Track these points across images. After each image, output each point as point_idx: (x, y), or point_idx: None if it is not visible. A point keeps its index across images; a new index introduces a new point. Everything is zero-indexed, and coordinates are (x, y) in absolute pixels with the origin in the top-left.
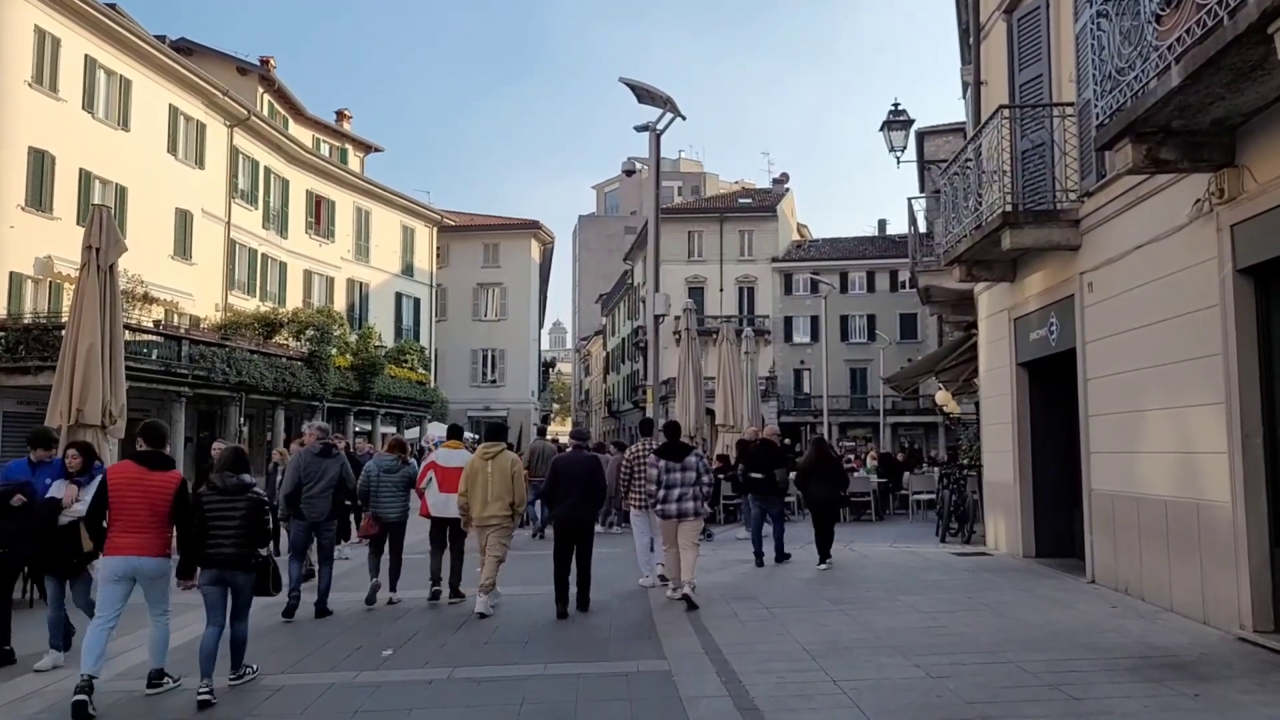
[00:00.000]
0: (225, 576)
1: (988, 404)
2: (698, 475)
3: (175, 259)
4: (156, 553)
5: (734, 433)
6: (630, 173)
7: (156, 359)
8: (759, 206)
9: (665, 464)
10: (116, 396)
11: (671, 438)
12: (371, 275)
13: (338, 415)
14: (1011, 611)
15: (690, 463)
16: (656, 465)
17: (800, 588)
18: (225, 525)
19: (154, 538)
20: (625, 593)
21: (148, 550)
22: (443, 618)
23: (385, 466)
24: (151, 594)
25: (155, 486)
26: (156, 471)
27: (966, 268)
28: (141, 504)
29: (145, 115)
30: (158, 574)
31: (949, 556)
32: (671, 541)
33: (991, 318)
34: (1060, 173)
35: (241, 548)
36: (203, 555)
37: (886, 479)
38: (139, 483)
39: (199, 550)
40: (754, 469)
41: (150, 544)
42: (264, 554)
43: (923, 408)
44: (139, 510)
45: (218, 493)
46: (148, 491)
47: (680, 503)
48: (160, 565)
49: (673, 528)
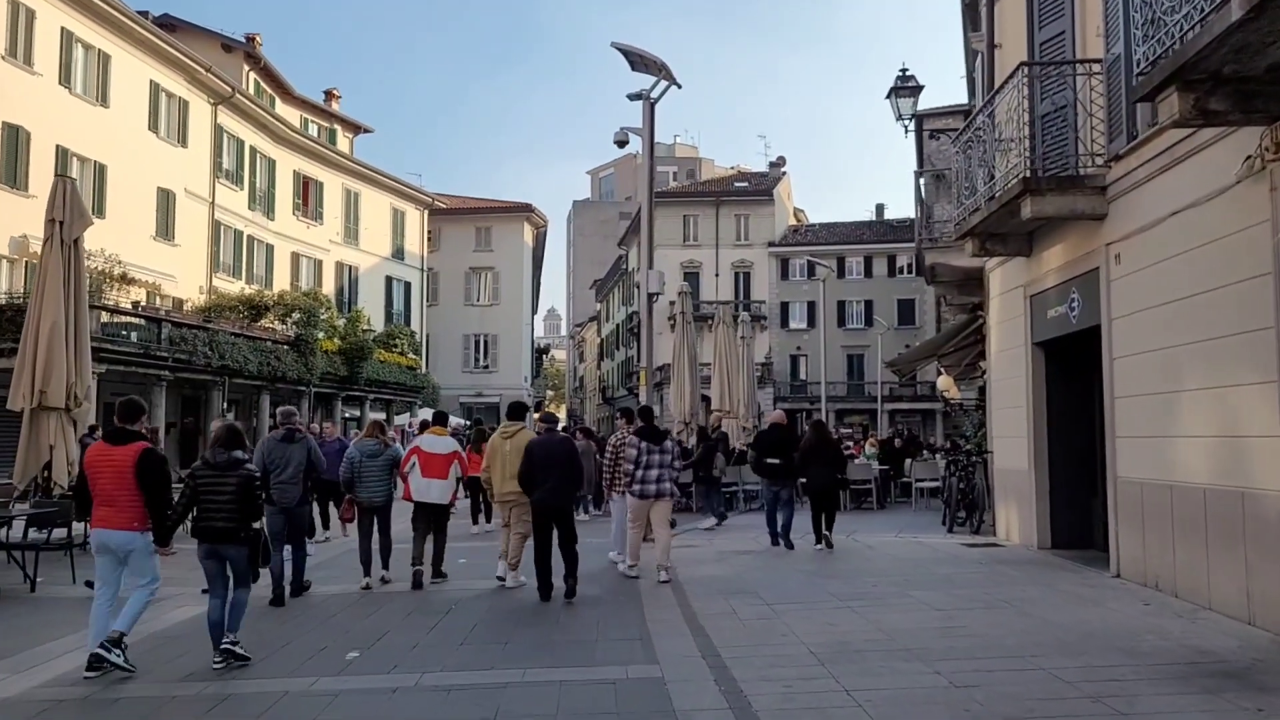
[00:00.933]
0: (218, 550)
1: (998, 387)
2: (672, 458)
3: (157, 240)
4: (124, 526)
5: (730, 418)
6: (622, 143)
7: (137, 341)
8: (755, 190)
9: (645, 445)
10: (82, 378)
11: (647, 421)
12: (361, 258)
13: (325, 400)
14: (1035, 609)
15: (667, 446)
16: (637, 446)
17: (803, 581)
18: (216, 500)
19: (121, 511)
20: (616, 586)
21: (116, 523)
22: (420, 612)
23: (367, 451)
24: (130, 565)
25: (119, 460)
26: (119, 446)
27: (980, 241)
28: (109, 479)
29: (125, 91)
30: (125, 546)
31: (959, 548)
32: (640, 522)
33: (1004, 295)
34: (1085, 135)
35: (231, 522)
36: (196, 529)
37: (888, 466)
38: (106, 459)
39: (180, 524)
40: (769, 453)
41: (118, 517)
42: (256, 528)
43: (920, 394)
44: (107, 485)
45: (210, 468)
46: (114, 466)
47: (659, 483)
48: (127, 538)
49: (646, 507)
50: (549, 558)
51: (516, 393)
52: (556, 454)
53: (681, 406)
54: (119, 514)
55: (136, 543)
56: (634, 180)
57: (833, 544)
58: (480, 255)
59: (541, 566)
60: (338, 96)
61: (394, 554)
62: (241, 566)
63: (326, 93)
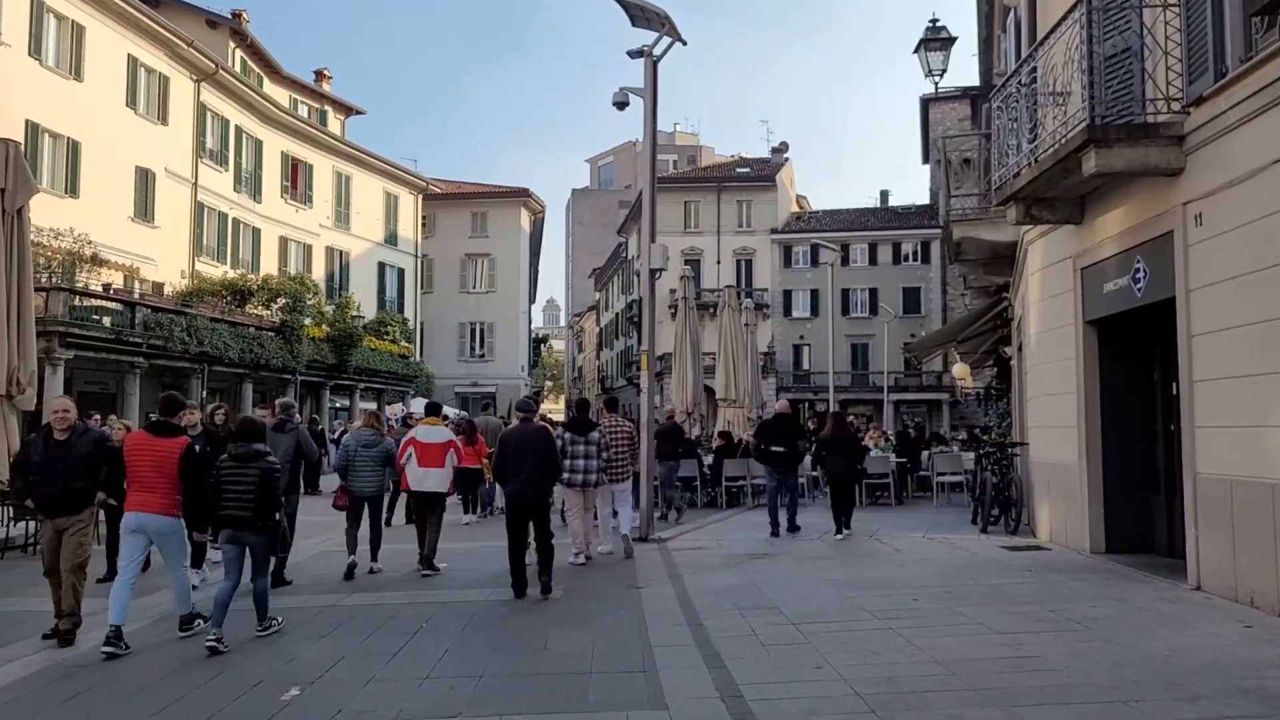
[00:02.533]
0: (239, 537)
1: (1037, 372)
2: (599, 449)
3: (136, 221)
4: (163, 511)
5: (735, 407)
6: (621, 105)
7: (109, 326)
8: (757, 176)
9: (570, 436)
10: (26, 362)
11: (581, 414)
12: (352, 244)
13: (312, 389)
14: (1116, 633)
15: (593, 437)
16: (562, 437)
17: (830, 593)
18: (238, 489)
19: (160, 497)
20: (612, 597)
21: (154, 508)
22: (384, 631)
23: (363, 441)
24: (164, 548)
25: (162, 451)
26: (163, 438)
27: (1024, 207)
28: (149, 467)
29: (101, 65)
30: (164, 530)
31: (999, 551)
32: (577, 509)
33: (1047, 270)
34: (1159, 77)
35: (252, 511)
36: (218, 517)
37: (905, 459)
38: (148, 448)
39: (211, 510)
40: (773, 442)
41: (157, 502)
42: (276, 518)
43: (925, 384)
44: (148, 472)
45: (233, 459)
46: (155, 456)
47: (585, 473)
48: (166, 523)
49: (577, 495)
50: (523, 553)
51: (513, 382)
52: (530, 445)
53: (684, 396)
54: (159, 499)
55: (174, 527)
56: (633, 168)
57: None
58: (476, 241)
59: (516, 563)
60: (328, 77)
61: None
62: (260, 555)
63: (317, 73)
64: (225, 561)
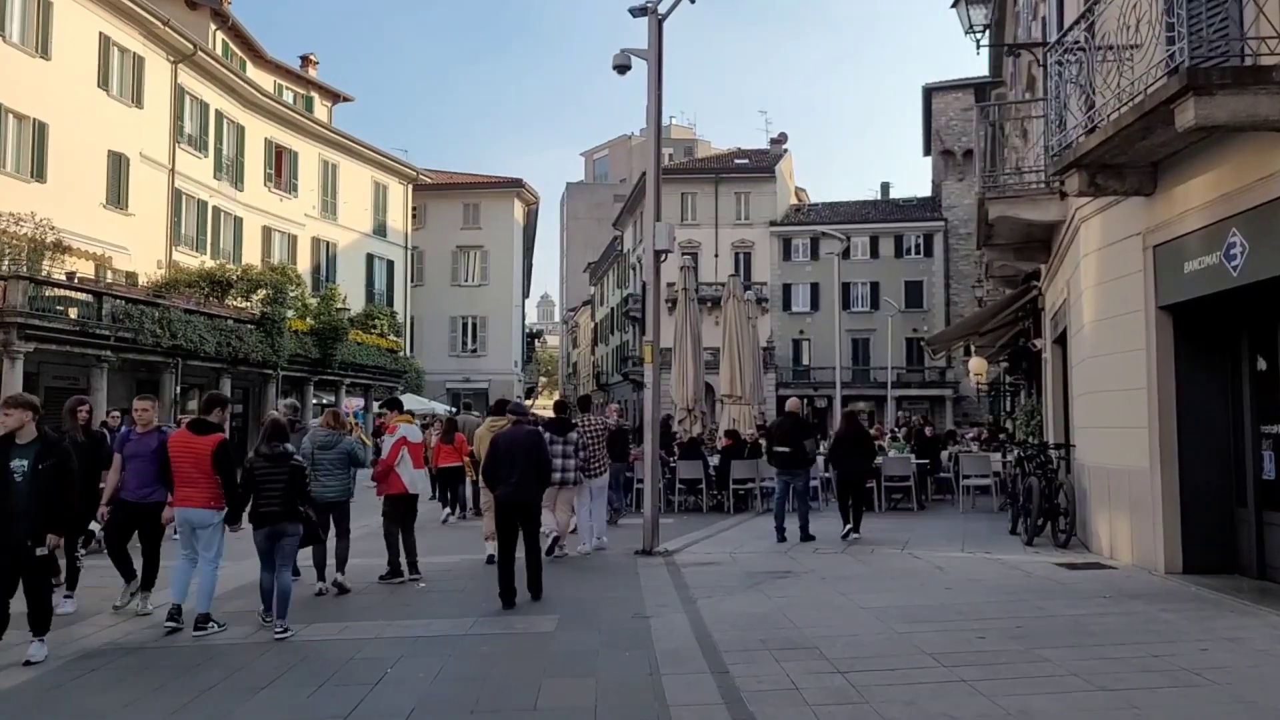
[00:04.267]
0: (276, 530)
1: (1093, 365)
2: (576, 448)
3: (108, 208)
4: (201, 504)
5: (741, 404)
6: (623, 68)
7: (76, 319)
8: (756, 167)
9: (549, 436)
10: None
11: (559, 413)
12: (340, 234)
13: (296, 385)
14: (1249, 688)
15: (571, 437)
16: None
17: (875, 627)
18: (273, 487)
19: (199, 491)
20: (616, 630)
21: (193, 502)
22: (336, 682)
23: (320, 441)
24: (199, 540)
25: (198, 447)
26: (200, 436)
27: (1088, 176)
28: (189, 463)
29: (70, 43)
30: (202, 523)
31: (1057, 570)
32: (551, 505)
33: (1107, 250)
34: (1273, 9)
35: (288, 505)
36: (256, 514)
37: (926, 460)
38: (188, 446)
39: (246, 507)
40: (779, 443)
41: (196, 496)
42: (306, 511)
43: (928, 380)
44: (187, 468)
45: (266, 460)
46: (193, 452)
47: (564, 473)
48: (203, 515)
49: (553, 493)
50: (512, 560)
51: (506, 378)
52: (521, 447)
53: (684, 392)
54: (199, 494)
55: (213, 519)
56: (629, 162)
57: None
58: (468, 233)
59: (504, 570)
60: (315, 63)
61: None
62: (292, 546)
63: (303, 58)
64: (260, 555)
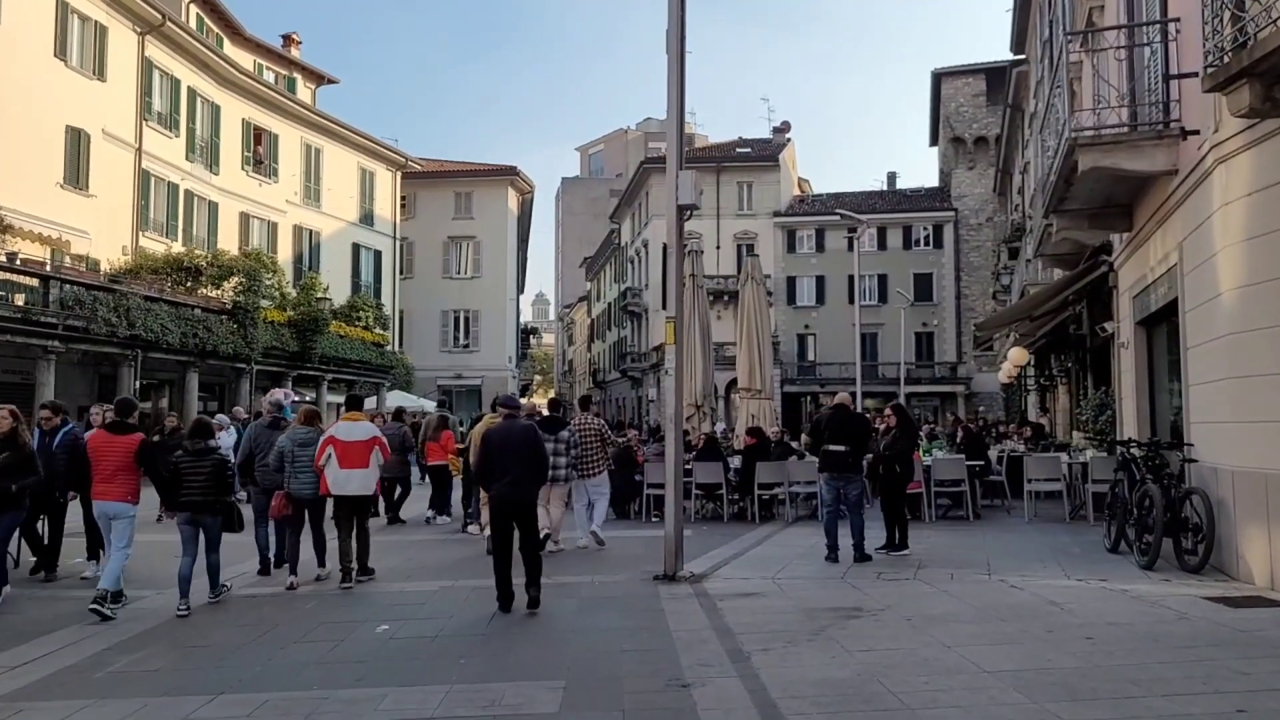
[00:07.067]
0: (197, 519)
1: (1230, 345)
2: (567, 446)
3: (66, 188)
4: (118, 498)
5: (761, 399)
6: None
7: (23, 305)
8: (759, 156)
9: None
10: None
11: (552, 411)
12: (323, 222)
13: (274, 380)
14: None
15: (563, 436)
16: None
17: (1024, 710)
18: (195, 479)
19: (117, 486)
20: (647, 706)
21: (113, 496)
22: None
23: (299, 439)
24: (114, 530)
25: (120, 446)
26: (120, 435)
27: (1263, 88)
28: (109, 461)
29: (23, 8)
30: (118, 514)
31: (1216, 609)
32: (543, 502)
33: (1261, 196)
34: None
35: (208, 495)
36: (179, 502)
37: (979, 462)
38: (108, 445)
39: (174, 496)
40: (833, 440)
41: (113, 491)
42: (229, 500)
43: (938, 376)
44: (107, 466)
45: (189, 454)
46: (115, 451)
47: (554, 470)
48: (119, 508)
49: (546, 490)
50: (509, 561)
51: (500, 375)
52: (516, 443)
53: (692, 388)
54: (116, 489)
55: (128, 512)
56: (624, 156)
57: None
58: (460, 223)
59: (501, 571)
60: (298, 43)
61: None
62: (215, 533)
63: (285, 37)
64: (183, 540)
